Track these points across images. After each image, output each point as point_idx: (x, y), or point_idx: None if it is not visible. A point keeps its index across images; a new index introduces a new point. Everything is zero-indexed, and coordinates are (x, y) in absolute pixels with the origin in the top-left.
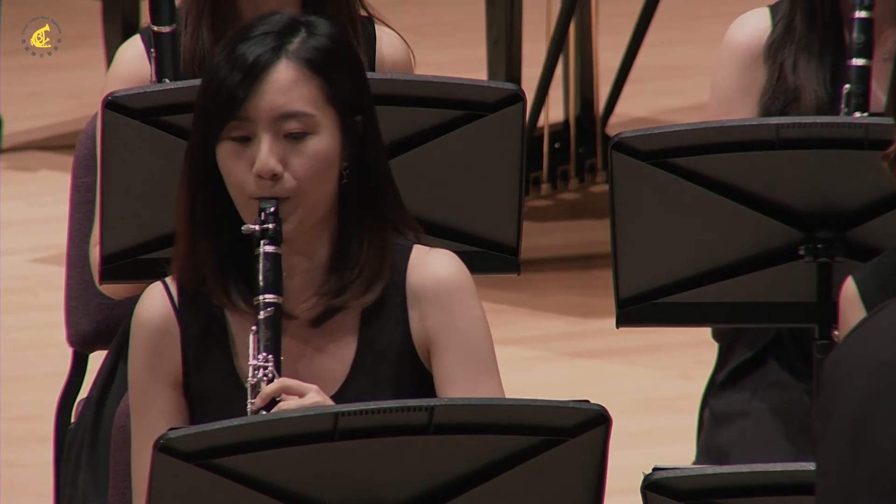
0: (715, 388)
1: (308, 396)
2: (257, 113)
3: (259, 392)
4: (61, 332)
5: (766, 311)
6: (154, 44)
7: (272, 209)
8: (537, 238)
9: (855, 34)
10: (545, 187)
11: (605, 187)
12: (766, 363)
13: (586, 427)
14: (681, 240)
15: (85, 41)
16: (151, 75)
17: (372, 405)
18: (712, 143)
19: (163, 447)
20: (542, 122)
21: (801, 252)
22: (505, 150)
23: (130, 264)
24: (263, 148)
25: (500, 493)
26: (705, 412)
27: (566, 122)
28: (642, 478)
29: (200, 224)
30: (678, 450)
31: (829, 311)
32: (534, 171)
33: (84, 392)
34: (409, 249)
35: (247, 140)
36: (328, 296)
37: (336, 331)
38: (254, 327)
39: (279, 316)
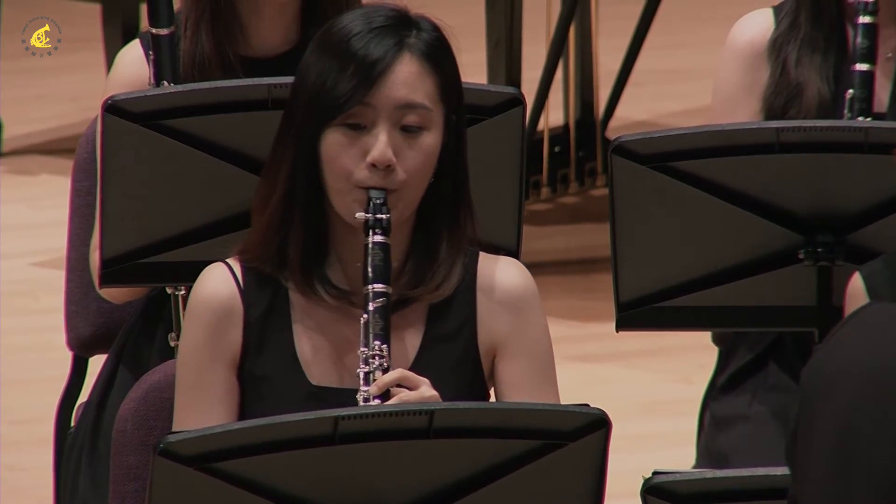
0: (715, 392)
1: (422, 389)
2: (381, 102)
3: (373, 381)
4: (61, 336)
5: (766, 315)
6: (152, 46)
7: (381, 200)
8: (537, 242)
9: (859, 39)
10: (545, 191)
11: (605, 191)
12: (767, 367)
13: (586, 431)
14: (681, 243)
15: (85, 44)
16: (150, 78)
17: (372, 409)
18: (712, 147)
19: (163, 451)
20: (542, 125)
21: (801, 256)
22: (505, 153)
23: (130, 268)
24: (382, 139)
25: (500, 496)
26: (705, 416)
27: (566, 125)
28: (642, 482)
29: (298, 211)
30: (678, 454)
31: (829, 314)
32: (534, 175)
33: (84, 396)
34: (476, 254)
35: (361, 128)
36: (403, 287)
37: (403, 324)
38: (364, 316)
39: (389, 305)
